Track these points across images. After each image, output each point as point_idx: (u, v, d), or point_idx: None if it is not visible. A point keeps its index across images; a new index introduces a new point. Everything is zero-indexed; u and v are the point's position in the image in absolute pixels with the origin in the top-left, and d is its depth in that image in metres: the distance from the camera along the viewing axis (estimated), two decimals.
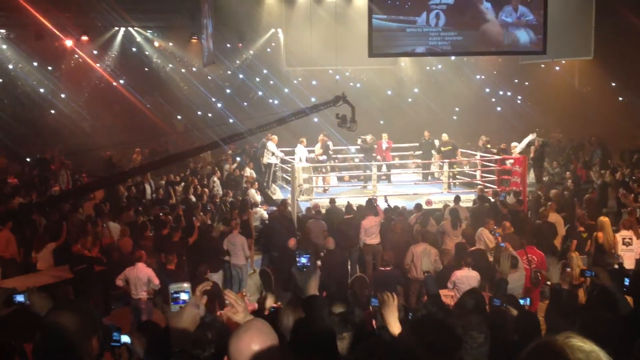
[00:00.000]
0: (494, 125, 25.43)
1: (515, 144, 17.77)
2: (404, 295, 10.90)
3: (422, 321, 2.83)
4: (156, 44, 25.30)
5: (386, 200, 14.37)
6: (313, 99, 26.30)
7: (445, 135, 18.21)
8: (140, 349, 4.28)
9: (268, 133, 18.33)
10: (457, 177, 18.27)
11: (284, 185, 18.71)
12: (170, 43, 25.05)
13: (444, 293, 9.45)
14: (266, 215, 15.21)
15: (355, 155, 19.72)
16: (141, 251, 10.51)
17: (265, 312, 7.40)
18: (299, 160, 17.60)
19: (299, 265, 3.13)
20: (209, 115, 27.55)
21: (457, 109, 28.08)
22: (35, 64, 24.24)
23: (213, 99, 27.60)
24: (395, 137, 19.79)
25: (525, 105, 28.01)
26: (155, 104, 26.23)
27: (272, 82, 27.31)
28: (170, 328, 2.79)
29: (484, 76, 28.43)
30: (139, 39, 24.69)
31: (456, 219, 12.66)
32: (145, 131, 25.02)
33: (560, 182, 17.83)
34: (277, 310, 5.53)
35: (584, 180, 17.10)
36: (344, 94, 11.21)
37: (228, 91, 28.39)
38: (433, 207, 15.42)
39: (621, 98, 25.06)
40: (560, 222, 12.59)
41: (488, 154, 18.06)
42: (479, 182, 17.03)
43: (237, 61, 25.77)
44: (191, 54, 24.74)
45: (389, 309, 3.31)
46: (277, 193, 18.07)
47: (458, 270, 9.63)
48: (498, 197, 14.73)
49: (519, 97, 28.99)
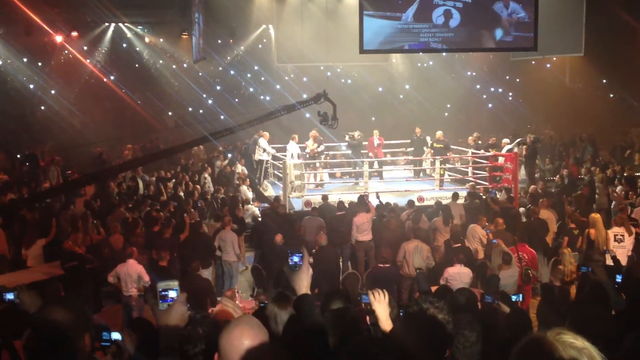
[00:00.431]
0: (485, 122, 25.54)
1: (506, 140, 17.80)
2: (397, 291, 10.89)
3: (413, 318, 2.81)
4: (147, 39, 25.19)
5: (378, 196, 14.37)
6: (304, 96, 26.34)
7: (439, 133, 18.19)
8: (131, 346, 4.26)
9: (259, 129, 18.32)
10: (449, 174, 18.28)
11: (276, 181, 18.66)
12: (161, 39, 24.95)
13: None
14: (258, 212, 15.18)
15: (344, 152, 19.63)
16: (132, 247, 10.47)
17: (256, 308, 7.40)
18: (291, 156, 17.56)
19: (291, 264, 3.10)
20: (200, 111, 27.49)
21: (448, 105, 28.14)
22: (24, 59, 24.07)
23: (204, 95, 27.52)
24: (387, 134, 19.77)
25: (516, 102, 28.09)
26: (145, 100, 26.13)
27: (263, 78, 27.24)
28: (159, 326, 2.77)
29: (475, 73, 28.49)
30: (129, 34, 24.59)
31: (448, 215, 12.68)
32: (136, 127, 24.97)
33: (550, 179, 17.89)
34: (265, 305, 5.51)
35: (576, 176, 17.14)
36: (325, 92, 11.20)
37: (219, 87, 28.31)
38: (425, 203, 15.42)
39: (612, 95, 25.17)
40: (552, 218, 12.60)
41: (479, 151, 18.07)
42: (471, 179, 17.04)
43: (228, 57, 25.69)
44: (182, 50, 24.66)
45: (380, 305, 3.30)
46: (269, 189, 18.04)
47: (450, 267, 9.64)
48: (488, 194, 14.74)
49: (510, 93, 29.07)
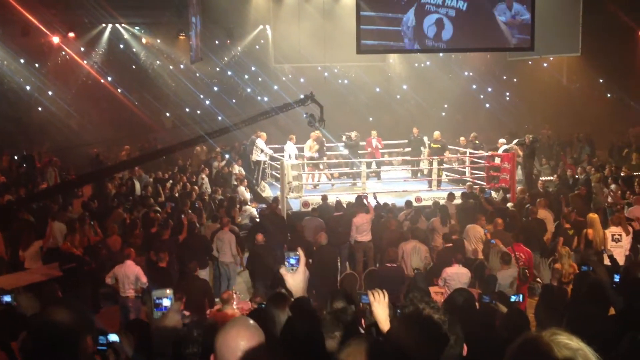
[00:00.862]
0: (482, 122, 25.52)
1: (502, 140, 17.80)
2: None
3: (409, 318, 2.80)
4: (144, 40, 25.15)
5: (375, 197, 14.36)
6: (302, 96, 26.32)
7: (437, 133, 18.16)
8: (129, 348, 4.26)
9: (257, 130, 18.33)
10: (446, 174, 18.28)
11: (273, 182, 18.65)
12: (158, 40, 24.91)
13: (435, 290, 9.46)
14: (255, 213, 15.18)
15: (340, 153, 19.58)
16: (130, 249, 10.46)
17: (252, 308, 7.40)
18: (289, 157, 17.55)
19: (288, 266, 3.08)
20: (198, 112, 27.46)
21: (445, 105, 28.13)
22: (21, 60, 24.03)
23: (201, 96, 27.50)
24: (384, 134, 19.76)
25: (514, 102, 28.11)
26: (143, 101, 26.10)
27: (260, 79, 27.24)
28: (153, 333, 2.78)
29: (472, 73, 28.49)
30: (126, 35, 24.53)
31: (445, 215, 12.68)
32: (133, 128, 24.91)
33: (548, 179, 17.89)
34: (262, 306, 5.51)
35: (573, 176, 17.15)
36: (312, 94, 11.27)
37: (216, 88, 28.30)
38: (422, 204, 15.42)
39: (609, 94, 25.18)
40: (550, 218, 12.61)
41: (477, 151, 18.07)
42: (468, 179, 17.04)
43: (225, 58, 25.68)
44: (179, 50, 24.61)
45: (380, 306, 3.28)
46: (267, 190, 18.02)
47: (448, 267, 9.64)
48: (482, 194, 14.70)
49: (507, 93, 29.08)
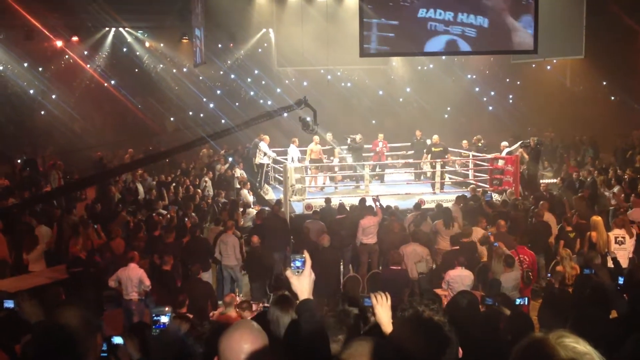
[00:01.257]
0: (485, 125, 25.45)
1: (505, 143, 17.76)
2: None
3: (409, 320, 2.79)
4: (147, 44, 25.20)
5: (378, 199, 14.29)
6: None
7: (436, 137, 18.13)
8: (134, 351, 4.27)
9: (260, 133, 18.34)
10: (449, 176, 18.25)
11: (277, 185, 18.65)
12: (161, 43, 24.96)
13: (439, 292, 9.45)
14: None
15: (344, 156, 19.56)
16: (134, 252, 10.47)
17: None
18: (291, 160, 17.56)
19: (294, 268, 3.06)
20: (201, 115, 27.49)
21: (448, 108, 28.11)
22: (25, 64, 24.08)
23: (204, 99, 27.53)
24: (387, 137, 19.74)
25: (517, 105, 28.07)
26: (146, 104, 26.14)
27: (263, 82, 27.25)
28: (151, 350, 2.79)
29: (475, 75, 28.48)
30: (129, 39, 24.57)
31: (449, 218, 12.66)
32: (137, 132, 24.94)
33: (551, 182, 17.87)
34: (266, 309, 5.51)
35: (576, 179, 17.12)
36: (306, 98, 11.32)
37: (219, 92, 28.33)
38: (426, 206, 15.39)
39: (613, 97, 25.14)
40: (553, 221, 12.59)
41: (480, 153, 18.04)
42: (472, 182, 17.01)
43: (229, 61, 25.69)
44: (182, 54, 24.66)
45: (383, 308, 3.27)
46: (270, 193, 18.02)
47: (451, 270, 9.64)
48: (483, 197, 14.68)
49: (510, 96, 29.04)
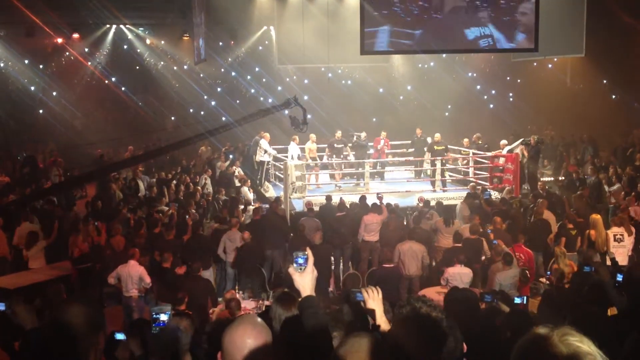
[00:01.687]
0: (486, 123, 25.44)
1: (504, 142, 17.78)
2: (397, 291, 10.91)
3: (406, 317, 2.81)
4: (148, 41, 25.19)
5: (381, 198, 14.28)
6: (306, 97, 26.41)
7: (438, 135, 18.15)
8: (136, 347, 4.30)
9: (260, 131, 18.37)
10: (450, 174, 18.27)
11: (277, 182, 18.66)
12: (162, 41, 24.96)
13: (437, 290, 9.50)
14: None
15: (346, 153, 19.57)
16: (134, 249, 10.50)
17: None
18: (291, 157, 17.59)
19: (296, 266, 3.08)
20: (201, 112, 27.50)
21: (449, 106, 28.12)
22: (26, 61, 24.09)
23: (205, 97, 27.55)
24: (387, 135, 19.80)
25: (517, 103, 28.05)
26: (146, 102, 26.17)
27: (264, 79, 27.26)
28: (150, 349, 2.80)
29: (476, 74, 28.46)
30: (130, 36, 24.57)
31: (449, 216, 12.69)
32: (137, 129, 24.96)
33: (549, 179, 17.89)
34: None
35: (576, 177, 17.13)
36: (296, 97, 11.36)
37: (219, 89, 28.34)
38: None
39: (613, 96, 25.13)
40: (553, 219, 12.61)
41: (480, 151, 18.05)
42: (472, 180, 17.04)
43: (229, 59, 25.69)
44: (183, 51, 24.66)
45: (375, 302, 3.27)
46: (270, 191, 18.04)
47: (450, 267, 9.67)
48: (482, 195, 14.71)
49: (511, 94, 29.04)
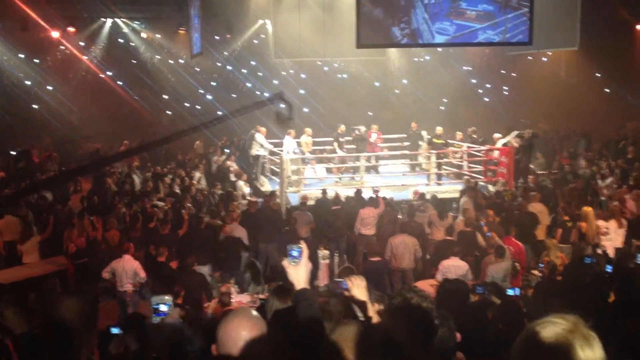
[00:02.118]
0: (481, 116, 25.50)
1: (498, 135, 17.83)
2: (390, 284, 10.99)
3: (397, 308, 2.86)
4: (143, 35, 25.14)
5: (378, 192, 14.32)
6: (302, 91, 26.45)
7: (439, 129, 18.19)
8: (131, 342, 4.34)
9: (256, 124, 18.40)
10: (445, 168, 18.32)
11: (273, 177, 18.69)
12: (158, 34, 24.92)
13: (432, 282, 9.54)
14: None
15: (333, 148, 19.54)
16: (129, 243, 10.54)
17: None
18: (287, 152, 17.61)
19: (290, 259, 3.12)
20: (197, 107, 27.47)
21: (444, 99, 28.17)
22: (21, 55, 24.02)
23: (201, 91, 27.53)
24: (383, 128, 19.83)
25: (512, 96, 28.08)
26: (142, 95, 26.14)
27: (260, 73, 27.25)
28: (150, 339, 2.84)
29: (471, 67, 28.50)
30: (126, 30, 24.51)
31: (443, 209, 12.76)
32: (133, 123, 24.95)
33: (542, 172, 17.93)
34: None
35: (569, 170, 17.21)
36: (282, 93, 11.42)
37: (216, 83, 28.33)
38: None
39: (607, 89, 25.18)
40: (545, 211, 12.69)
41: (475, 145, 18.11)
42: (466, 173, 17.11)
43: (225, 53, 25.66)
44: (179, 45, 24.60)
45: (359, 290, 3.30)
46: (266, 185, 18.07)
47: (445, 259, 9.72)
48: (477, 188, 14.76)
49: (506, 87, 29.07)
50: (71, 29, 21.26)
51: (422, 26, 16.60)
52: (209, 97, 27.54)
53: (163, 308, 3.21)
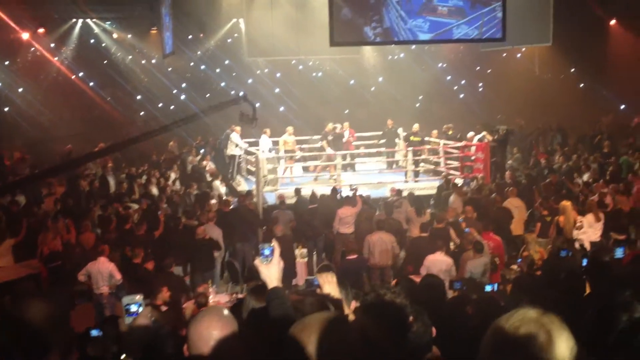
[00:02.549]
0: (456, 113, 25.61)
1: (472, 133, 17.93)
2: (368, 282, 10.96)
3: (371, 304, 2.82)
4: (115, 35, 24.89)
5: (355, 190, 14.25)
6: (277, 90, 26.36)
7: (416, 126, 18.19)
8: (109, 344, 4.28)
9: (231, 124, 18.28)
10: (422, 164, 18.35)
11: (249, 176, 18.58)
12: (129, 34, 24.68)
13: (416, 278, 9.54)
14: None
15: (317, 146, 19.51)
16: (104, 245, 10.42)
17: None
18: (263, 151, 17.53)
19: (262, 257, 3.07)
20: (171, 107, 27.25)
21: (420, 97, 28.27)
22: None
23: (175, 91, 27.34)
24: (358, 126, 19.83)
25: (487, 93, 28.27)
26: (115, 96, 25.90)
27: (234, 73, 27.13)
28: (123, 339, 2.79)
29: (446, 64, 28.63)
30: (97, 30, 24.25)
31: (421, 206, 12.78)
32: (106, 124, 24.72)
33: (517, 168, 18.04)
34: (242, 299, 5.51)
35: (545, 165, 17.32)
36: (245, 94, 11.40)
37: (188, 83, 28.16)
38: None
39: (581, 84, 25.43)
40: (522, 207, 12.77)
41: (450, 142, 18.18)
42: (443, 170, 17.16)
43: (199, 52, 25.52)
44: (151, 45, 24.38)
45: (331, 286, 3.27)
46: (242, 184, 17.96)
47: (431, 254, 9.70)
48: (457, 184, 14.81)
49: (481, 84, 29.26)
50: (41, 30, 21.00)
51: (395, 24, 16.60)
52: (182, 97, 27.35)
53: (134, 308, 3.14)
